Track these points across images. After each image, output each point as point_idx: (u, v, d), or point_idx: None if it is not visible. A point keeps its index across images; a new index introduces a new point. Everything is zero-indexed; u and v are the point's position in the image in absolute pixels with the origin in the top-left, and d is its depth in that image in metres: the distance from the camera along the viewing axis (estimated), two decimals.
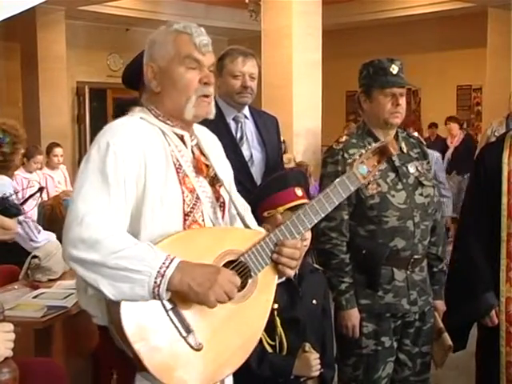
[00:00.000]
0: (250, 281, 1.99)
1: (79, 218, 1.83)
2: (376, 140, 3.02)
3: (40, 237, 4.11)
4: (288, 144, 7.29)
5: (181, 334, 1.86)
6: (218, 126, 3.22)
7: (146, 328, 1.83)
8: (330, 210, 2.09)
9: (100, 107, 12.97)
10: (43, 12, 9.80)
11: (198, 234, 2.01)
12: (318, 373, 2.57)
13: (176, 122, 2.06)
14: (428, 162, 3.18)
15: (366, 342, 3.00)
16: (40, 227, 4.21)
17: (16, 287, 3.66)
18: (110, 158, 1.89)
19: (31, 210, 4.26)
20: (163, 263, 1.82)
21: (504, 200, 2.99)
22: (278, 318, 2.49)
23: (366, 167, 2.14)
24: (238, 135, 3.31)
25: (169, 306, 1.86)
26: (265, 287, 2.03)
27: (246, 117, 3.36)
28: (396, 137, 3.08)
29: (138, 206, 1.93)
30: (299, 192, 2.58)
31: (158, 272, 1.81)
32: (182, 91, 2.01)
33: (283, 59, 7.98)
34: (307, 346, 2.54)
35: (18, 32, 10.37)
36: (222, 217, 2.14)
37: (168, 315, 1.86)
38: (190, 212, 2.01)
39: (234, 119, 3.33)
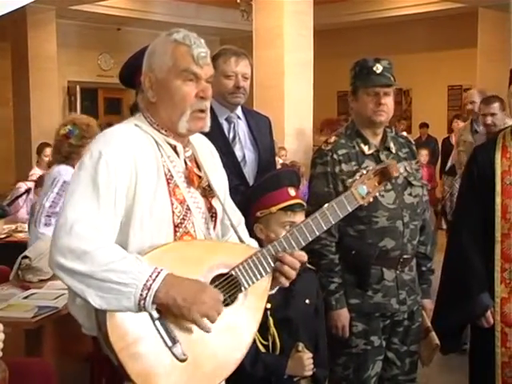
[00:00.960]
0: (240, 295, 1.99)
1: (68, 226, 1.83)
2: (364, 140, 3.03)
3: (43, 229, 4.13)
4: (279, 144, 7.29)
5: (166, 345, 1.86)
6: (210, 126, 3.22)
7: (132, 337, 1.83)
8: (325, 228, 2.09)
9: (91, 107, 12.94)
10: (34, 11, 9.76)
11: (187, 246, 2.00)
12: (311, 372, 2.57)
13: (170, 132, 2.05)
14: (417, 162, 3.19)
15: (356, 342, 3.01)
16: (53, 222, 4.22)
17: (6, 288, 3.65)
18: (102, 167, 1.89)
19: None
20: (150, 276, 1.82)
21: (498, 200, 2.99)
22: (271, 318, 2.49)
23: (366, 188, 2.12)
24: (231, 135, 3.30)
25: (156, 315, 1.86)
26: (255, 302, 2.03)
27: (238, 117, 3.36)
28: (384, 136, 3.08)
29: (127, 217, 1.93)
30: (292, 192, 2.58)
31: (145, 285, 1.81)
32: (177, 105, 2.00)
33: (275, 59, 7.99)
34: (300, 346, 2.54)
35: (9, 31, 10.32)
36: (214, 227, 2.14)
37: (154, 325, 1.86)
38: (181, 223, 2.00)
39: (226, 119, 3.32)
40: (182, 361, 1.87)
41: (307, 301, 2.67)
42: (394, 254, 2.98)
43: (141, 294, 1.81)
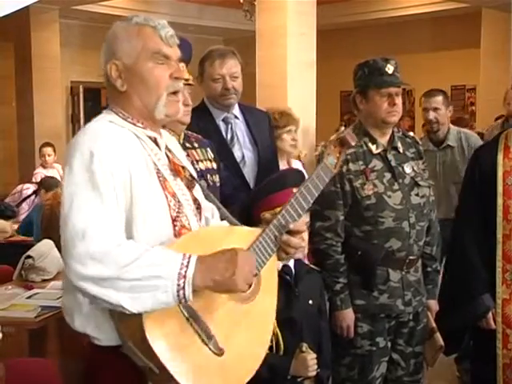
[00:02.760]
0: (254, 279, 1.95)
1: (80, 233, 1.70)
2: (372, 139, 3.03)
3: None
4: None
5: (203, 341, 1.79)
6: (207, 127, 3.22)
7: (172, 339, 1.75)
8: (311, 202, 2.10)
9: (94, 107, 12.92)
10: (37, 11, 9.75)
11: (200, 236, 1.96)
12: (314, 373, 2.56)
13: (146, 124, 1.94)
14: (423, 162, 3.19)
15: (361, 342, 3.01)
16: None
17: (10, 287, 3.66)
18: (97, 166, 1.77)
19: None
20: (182, 263, 1.71)
21: (499, 201, 2.99)
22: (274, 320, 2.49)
23: (333, 158, 2.17)
24: (229, 136, 3.30)
25: (187, 313, 1.77)
26: (268, 284, 2.01)
27: (236, 117, 3.34)
28: (392, 136, 3.09)
29: (128, 215, 1.82)
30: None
31: (179, 274, 1.70)
32: (153, 89, 1.90)
33: (278, 59, 7.97)
34: (304, 346, 2.54)
35: (12, 31, 10.31)
36: (200, 219, 2.04)
37: (189, 322, 1.77)
38: (177, 217, 1.91)
39: (223, 120, 3.31)
40: (220, 355, 1.82)
41: (310, 301, 2.67)
42: (400, 254, 2.98)
43: (178, 285, 1.69)
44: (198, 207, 2.05)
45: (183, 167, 2.03)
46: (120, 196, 1.80)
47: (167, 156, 1.99)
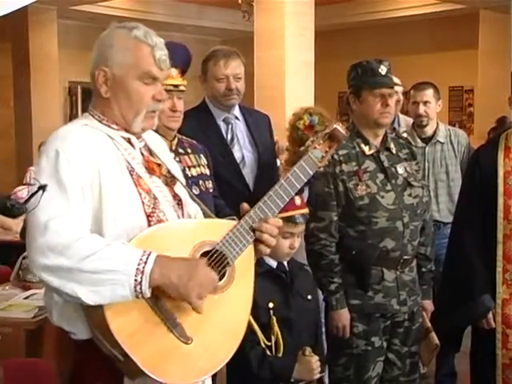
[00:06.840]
0: (228, 270, 1.95)
1: (42, 226, 1.76)
2: (365, 141, 3.04)
3: None
4: (281, 144, 7.28)
5: (168, 328, 1.81)
6: (208, 128, 3.23)
7: (134, 325, 1.78)
8: (293, 194, 2.07)
9: None
10: (35, 11, 9.75)
11: (169, 228, 1.97)
12: (319, 375, 2.55)
13: (121, 127, 2.00)
14: (417, 163, 3.20)
15: (357, 342, 3.02)
16: None
17: (7, 288, 3.66)
18: (63, 164, 1.83)
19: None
20: (140, 259, 1.76)
21: (500, 201, 2.99)
22: (274, 317, 2.49)
23: (320, 152, 2.12)
24: (229, 137, 3.31)
25: (152, 300, 1.80)
26: (244, 274, 2.00)
27: (236, 118, 3.35)
28: (385, 137, 3.10)
29: (97, 212, 1.86)
30: (298, 201, 2.57)
31: (137, 269, 1.75)
32: (134, 105, 1.97)
33: (276, 60, 7.98)
34: (307, 350, 2.53)
35: (10, 31, 10.31)
36: (182, 215, 2.08)
37: (153, 310, 1.80)
38: (153, 212, 1.94)
39: (224, 121, 3.32)
40: (187, 343, 1.83)
41: (309, 296, 2.68)
42: (394, 254, 2.99)
43: (135, 280, 1.74)
44: (179, 203, 2.07)
45: (159, 165, 2.06)
46: (87, 194, 1.85)
47: (142, 154, 2.03)
